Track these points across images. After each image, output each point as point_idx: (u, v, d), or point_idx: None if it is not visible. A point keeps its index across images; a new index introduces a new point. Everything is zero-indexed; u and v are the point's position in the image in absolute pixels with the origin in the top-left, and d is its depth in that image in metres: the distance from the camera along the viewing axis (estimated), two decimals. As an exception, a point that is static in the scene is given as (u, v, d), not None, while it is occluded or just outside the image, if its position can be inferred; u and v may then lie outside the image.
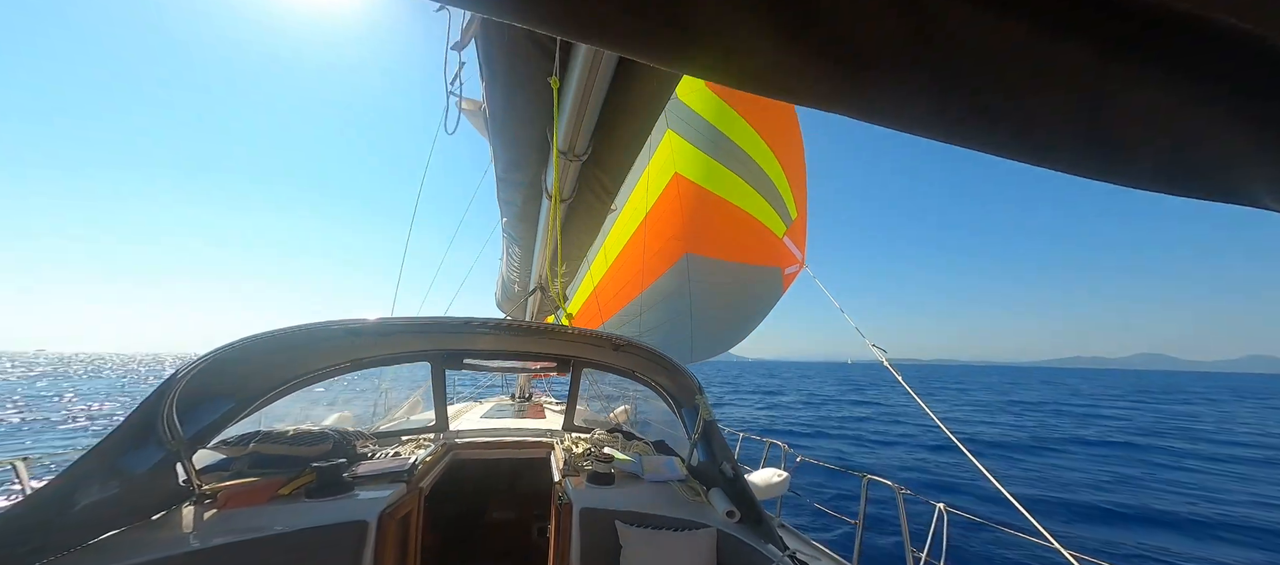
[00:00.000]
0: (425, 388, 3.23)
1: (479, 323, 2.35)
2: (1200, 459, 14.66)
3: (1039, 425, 21.59)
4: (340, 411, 3.23)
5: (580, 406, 5.49)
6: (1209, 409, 33.30)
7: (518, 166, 2.25)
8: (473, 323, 2.34)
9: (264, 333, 1.84)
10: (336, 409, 3.21)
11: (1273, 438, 19.94)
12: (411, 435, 3.05)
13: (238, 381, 2.12)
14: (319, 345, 2.29)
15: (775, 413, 24.40)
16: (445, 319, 2.28)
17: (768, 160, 8.58)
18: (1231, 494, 10.32)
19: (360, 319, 2.00)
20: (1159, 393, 52.58)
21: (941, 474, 11.82)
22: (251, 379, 2.19)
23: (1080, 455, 14.68)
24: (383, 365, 2.64)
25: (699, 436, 2.90)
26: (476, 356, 2.94)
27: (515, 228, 3.09)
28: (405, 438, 2.94)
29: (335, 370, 2.48)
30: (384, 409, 4.05)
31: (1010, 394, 44.52)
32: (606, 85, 1.67)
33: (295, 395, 2.36)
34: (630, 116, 1.87)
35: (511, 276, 4.22)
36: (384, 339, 2.49)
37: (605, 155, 2.12)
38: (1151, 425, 22.78)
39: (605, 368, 3.44)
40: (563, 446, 3.19)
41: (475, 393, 7.00)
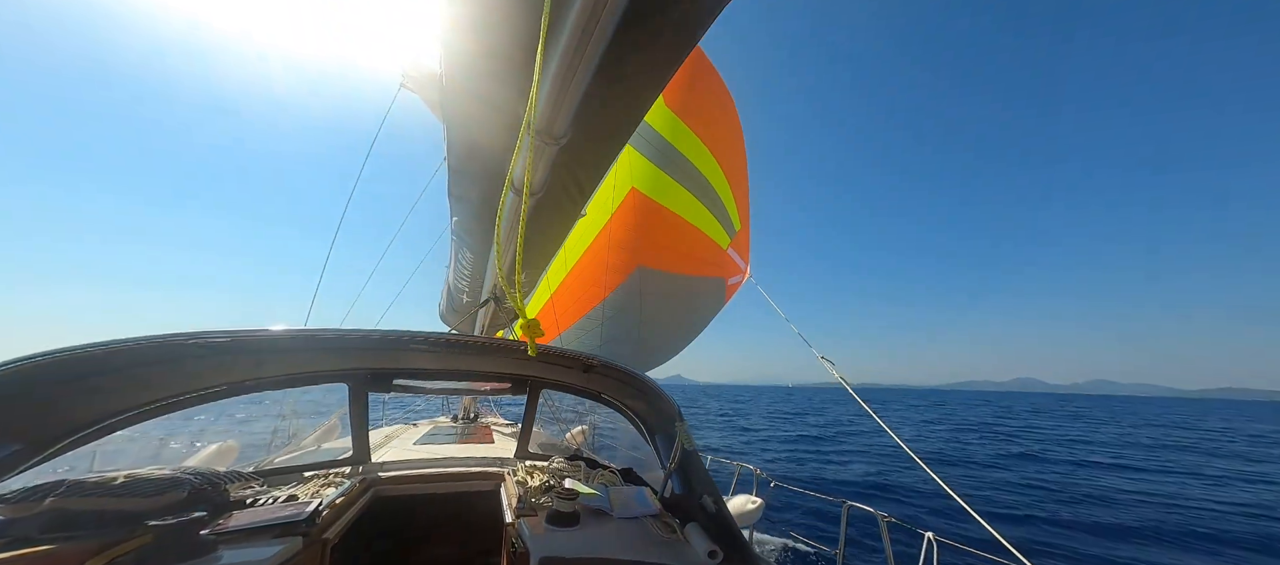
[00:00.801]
0: (343, 412, 2.68)
1: (416, 338, 1.95)
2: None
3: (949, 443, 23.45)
4: (224, 442, 2.63)
5: (535, 429, 5.02)
6: (1070, 426, 37.36)
7: (479, 151, 1.88)
8: (406, 338, 1.94)
9: (66, 351, 1.34)
10: (216, 439, 2.60)
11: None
12: (318, 471, 2.48)
13: (22, 418, 1.57)
14: (159, 368, 1.70)
15: (751, 438, 24.16)
16: (369, 332, 1.86)
17: (713, 171, 8.93)
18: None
19: (238, 331, 1.55)
20: (1028, 413, 58.46)
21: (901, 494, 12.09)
22: (50, 414, 1.62)
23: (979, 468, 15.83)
24: (278, 388, 2.09)
25: (675, 466, 2.62)
26: (411, 377, 2.45)
27: (468, 228, 2.69)
28: (309, 474, 2.39)
29: (194, 399, 1.83)
30: (288, 437, 3.35)
31: (922, 414, 48.42)
32: (598, 55, 1.37)
33: (153, 422, 1.80)
34: (620, 100, 1.58)
35: (460, 285, 3.75)
36: (278, 357, 1.94)
37: (585, 145, 1.81)
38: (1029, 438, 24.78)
39: (568, 389, 3.08)
40: (516, 478, 2.78)
41: (404, 415, 6.26)
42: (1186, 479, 15.70)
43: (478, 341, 2.20)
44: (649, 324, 9.39)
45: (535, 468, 3.07)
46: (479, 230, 2.64)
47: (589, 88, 1.47)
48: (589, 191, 2.29)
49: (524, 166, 1.83)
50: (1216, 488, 14.27)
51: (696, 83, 8.56)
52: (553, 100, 1.48)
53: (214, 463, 2.57)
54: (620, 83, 1.49)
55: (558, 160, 1.87)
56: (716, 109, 9.03)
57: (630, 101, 1.58)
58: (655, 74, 1.47)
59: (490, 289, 3.19)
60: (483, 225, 2.54)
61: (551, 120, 1.56)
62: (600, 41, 1.32)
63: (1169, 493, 13.18)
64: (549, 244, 2.91)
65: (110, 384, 1.67)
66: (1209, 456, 22.21)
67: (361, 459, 2.57)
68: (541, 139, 1.63)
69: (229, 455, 2.61)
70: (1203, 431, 37.11)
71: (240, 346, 1.68)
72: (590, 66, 1.39)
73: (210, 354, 1.63)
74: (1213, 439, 31.46)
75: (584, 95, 1.49)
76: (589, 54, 1.35)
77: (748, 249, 10.67)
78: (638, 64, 1.42)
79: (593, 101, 1.54)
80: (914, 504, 10.69)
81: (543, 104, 1.50)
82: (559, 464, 3.18)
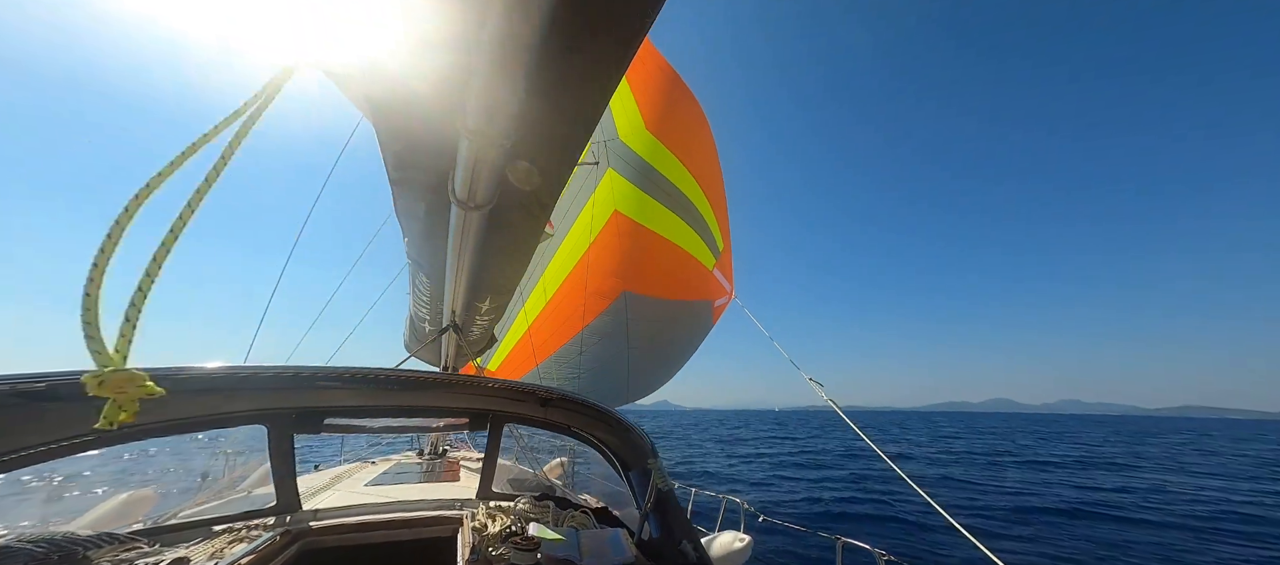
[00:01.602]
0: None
1: (351, 373, 1.72)
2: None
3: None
4: (137, 490, 2.30)
5: (506, 462, 4.67)
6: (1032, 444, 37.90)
7: (416, 157, 1.70)
8: (339, 373, 1.71)
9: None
10: (125, 488, 2.27)
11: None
12: (230, 524, 2.15)
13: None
14: (11, 412, 1.33)
15: (753, 464, 23.32)
16: (296, 368, 1.63)
17: (695, 192, 8.93)
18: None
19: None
20: (1003, 431, 60.72)
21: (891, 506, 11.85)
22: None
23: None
24: (175, 434, 1.80)
25: (650, 507, 2.37)
26: (346, 415, 2.18)
27: (419, 248, 2.48)
28: (220, 528, 2.10)
29: (60, 449, 1.45)
30: (228, 481, 2.97)
31: (905, 433, 48.98)
32: (536, 44, 1.20)
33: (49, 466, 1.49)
34: (574, 93, 1.41)
35: (421, 313, 3.51)
36: (174, 399, 1.57)
37: (537, 149, 1.63)
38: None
39: (533, 422, 2.82)
40: (475, 523, 2.49)
41: (362, 453, 5.80)
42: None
43: (423, 376, 1.97)
44: (638, 351, 9.14)
45: (498, 510, 2.78)
46: (430, 250, 2.43)
47: (530, 81, 1.31)
48: (548, 204, 2.11)
49: (465, 175, 1.66)
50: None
51: (674, 105, 8.58)
52: (489, 90, 1.31)
53: (119, 517, 2.23)
54: (564, 79, 1.33)
55: (505, 167, 1.70)
56: (695, 131, 9.06)
57: (579, 97, 1.42)
58: (602, 66, 1.31)
59: (448, 316, 2.96)
60: (433, 245, 2.33)
61: (490, 116, 1.38)
62: (536, 29, 1.17)
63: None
64: (510, 265, 2.71)
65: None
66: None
67: (288, 507, 2.26)
68: (480, 141, 1.45)
69: (140, 507, 2.28)
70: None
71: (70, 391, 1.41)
72: (528, 56, 1.23)
73: (75, 396, 1.37)
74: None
75: (526, 90, 1.33)
76: (525, 43, 1.19)
77: (731, 270, 10.62)
78: (592, 53, 1.26)
79: (536, 97, 1.37)
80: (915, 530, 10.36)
81: (477, 97, 1.32)
82: (525, 505, 2.89)
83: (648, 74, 8.26)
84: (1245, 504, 14.51)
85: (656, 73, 8.41)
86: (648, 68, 8.26)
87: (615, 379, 9.37)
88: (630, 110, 8.04)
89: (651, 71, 8.33)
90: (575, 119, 1.52)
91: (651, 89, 8.25)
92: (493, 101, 1.35)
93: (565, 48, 1.22)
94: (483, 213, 1.85)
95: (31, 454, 1.38)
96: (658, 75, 8.41)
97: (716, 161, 9.78)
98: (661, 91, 8.39)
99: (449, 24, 1.21)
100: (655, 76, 8.37)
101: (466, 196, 1.72)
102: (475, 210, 1.79)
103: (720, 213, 9.75)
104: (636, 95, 8.07)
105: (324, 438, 6.66)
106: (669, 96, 8.49)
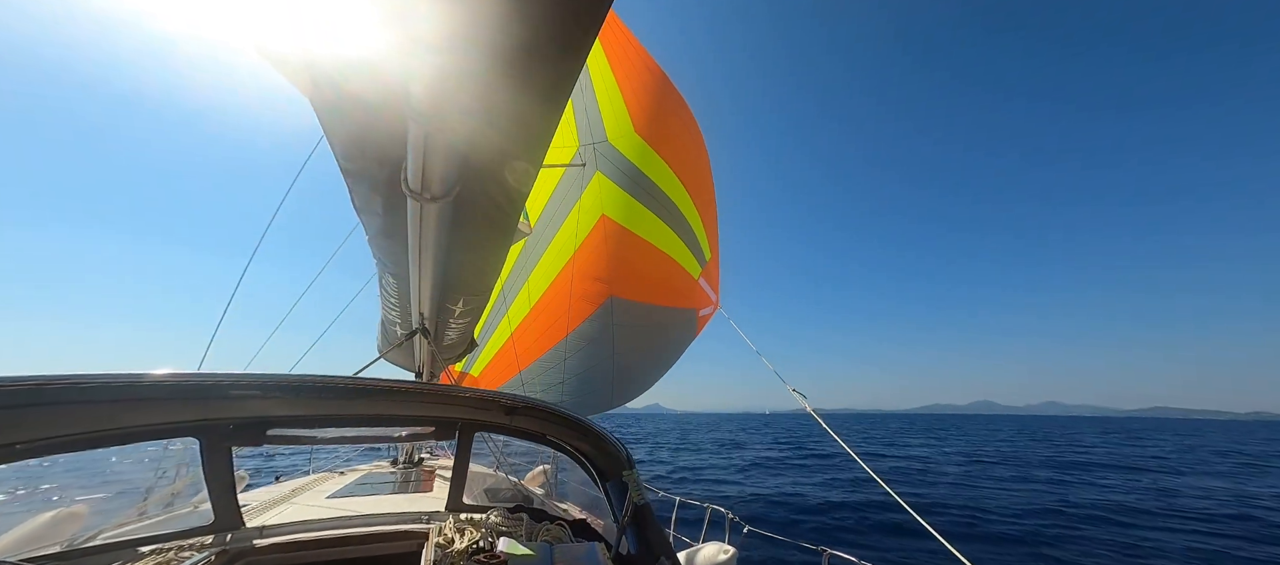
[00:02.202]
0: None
1: (296, 381, 1.58)
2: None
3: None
4: (66, 507, 2.11)
5: (484, 470, 4.48)
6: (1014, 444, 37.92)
7: (365, 145, 1.56)
8: (283, 382, 1.57)
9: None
10: (55, 504, 2.08)
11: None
12: (161, 544, 1.96)
13: None
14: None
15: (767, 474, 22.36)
16: (234, 375, 1.48)
17: (683, 199, 8.87)
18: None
19: (25, 377, 1.16)
20: (986, 433, 60.81)
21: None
22: None
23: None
24: (92, 448, 1.63)
25: (628, 521, 2.25)
26: (290, 425, 2.02)
27: (381, 245, 2.33)
28: (146, 549, 1.90)
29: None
30: (170, 494, 2.74)
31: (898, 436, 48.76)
32: (489, 8, 1.07)
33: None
34: (528, 74, 1.28)
35: (392, 316, 3.34)
36: (91, 408, 1.44)
37: (495, 135, 1.50)
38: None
39: (505, 431, 2.68)
40: (441, 537, 2.34)
41: (332, 464, 5.55)
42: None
43: (379, 384, 1.83)
44: (623, 355, 9.03)
45: (469, 523, 2.62)
46: (392, 248, 2.28)
47: (479, 60, 1.18)
48: (515, 198, 1.98)
49: (416, 163, 1.53)
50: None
51: (666, 111, 8.49)
52: (433, 74, 1.19)
53: (40, 538, 2.04)
54: (516, 57, 1.20)
55: (462, 155, 1.57)
56: (685, 138, 8.97)
57: (535, 79, 1.29)
58: (559, 45, 1.18)
59: (417, 318, 2.81)
60: (394, 242, 2.19)
61: (436, 101, 1.26)
62: (482, 4, 1.04)
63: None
64: (481, 263, 2.57)
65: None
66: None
67: (228, 525, 2.08)
68: (428, 126, 1.33)
69: (67, 526, 2.09)
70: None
71: (13, 395, 1.26)
72: (473, 33, 1.10)
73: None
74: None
75: (474, 69, 1.20)
76: (470, 17, 1.07)
77: (717, 280, 10.55)
78: (533, 32, 1.14)
79: (486, 76, 1.24)
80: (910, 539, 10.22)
81: (423, 79, 1.20)
82: (497, 518, 2.74)
83: (639, 77, 8.16)
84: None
85: (648, 76, 8.32)
86: (639, 70, 8.16)
87: (601, 384, 9.25)
88: (620, 113, 7.93)
89: (643, 74, 8.24)
90: (535, 102, 1.39)
91: (643, 92, 8.15)
92: (439, 81, 1.22)
93: (516, 21, 1.10)
94: (441, 205, 1.72)
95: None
96: (649, 78, 8.32)
97: (707, 170, 9.71)
98: (652, 95, 8.30)
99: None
100: (646, 80, 8.28)
101: (420, 187, 1.59)
102: (432, 202, 1.66)
103: (709, 222, 9.66)
104: (627, 98, 7.96)
105: (293, 448, 6.39)
106: (660, 101, 8.40)
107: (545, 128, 1.54)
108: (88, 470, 2.48)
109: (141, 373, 1.40)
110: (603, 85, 7.87)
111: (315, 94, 1.38)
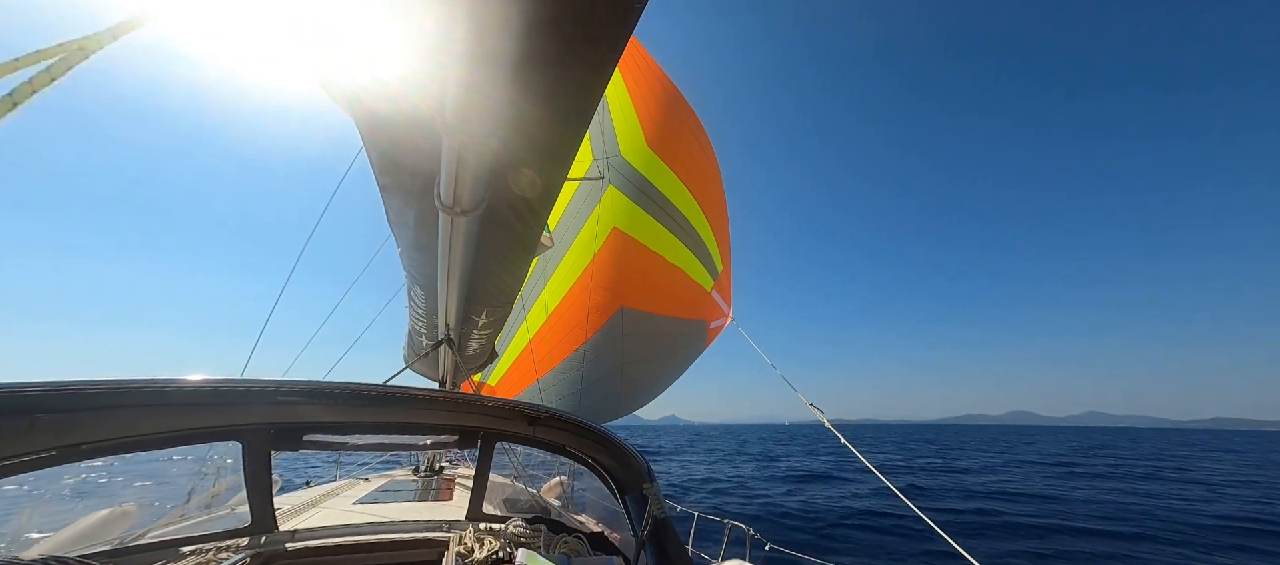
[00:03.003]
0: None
1: (331, 388, 1.64)
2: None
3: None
4: (118, 506, 2.20)
5: (503, 480, 4.51)
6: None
7: (400, 160, 1.63)
8: (320, 388, 1.63)
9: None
10: (105, 503, 2.17)
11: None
12: (200, 545, 2.03)
13: None
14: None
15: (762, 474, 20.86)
16: (273, 382, 1.55)
17: (695, 214, 8.90)
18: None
19: (78, 381, 1.22)
20: (1022, 445, 56.72)
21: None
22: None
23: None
24: (139, 451, 1.71)
25: (647, 536, 2.24)
26: (324, 432, 2.09)
27: (411, 258, 2.41)
28: (188, 549, 1.97)
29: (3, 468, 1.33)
30: (211, 497, 2.84)
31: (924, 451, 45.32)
32: (514, 33, 1.13)
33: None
34: (555, 93, 1.33)
35: (417, 326, 3.43)
36: (137, 413, 1.50)
37: (522, 150, 1.55)
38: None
39: (526, 441, 2.71)
40: (461, 545, 2.37)
41: (357, 470, 5.65)
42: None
43: (408, 392, 1.88)
44: (631, 365, 9.05)
45: (488, 532, 2.65)
46: (421, 260, 2.36)
47: (507, 79, 1.23)
48: (540, 211, 2.03)
49: (448, 177, 1.58)
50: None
51: (676, 124, 8.58)
52: (465, 92, 1.24)
53: (93, 535, 2.14)
54: (543, 77, 1.25)
55: (490, 170, 1.62)
56: (696, 150, 9.04)
57: (561, 97, 1.34)
58: (584, 65, 1.23)
59: (443, 329, 2.87)
60: (424, 255, 2.26)
61: (467, 118, 1.31)
62: (511, 23, 1.10)
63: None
64: (505, 274, 2.63)
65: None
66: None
67: (264, 527, 2.15)
68: (460, 140, 1.38)
69: (119, 524, 2.18)
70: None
71: (74, 399, 1.34)
72: (504, 53, 1.16)
73: (18, 412, 1.28)
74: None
75: (503, 87, 1.25)
76: (500, 37, 1.12)
77: (730, 292, 10.52)
78: (561, 53, 1.19)
79: (515, 95, 1.29)
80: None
81: (455, 96, 1.26)
82: (516, 527, 2.76)
83: (651, 91, 8.29)
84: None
85: (660, 90, 8.44)
86: (651, 85, 8.29)
87: (609, 394, 9.27)
88: (633, 127, 8.05)
89: (655, 88, 8.36)
90: (560, 120, 1.45)
91: (655, 106, 8.26)
92: (470, 99, 1.28)
93: (543, 43, 1.15)
94: (470, 218, 1.78)
95: (32, 460, 1.31)
96: (661, 93, 8.44)
97: (719, 182, 9.75)
98: (665, 109, 8.41)
99: (424, 19, 1.14)
100: (659, 94, 8.40)
101: (452, 201, 1.65)
102: (462, 216, 1.72)
103: (721, 234, 9.67)
104: (640, 112, 8.08)
105: (324, 454, 6.53)
106: (671, 115, 8.50)
107: (571, 143, 1.59)
108: (141, 472, 2.60)
109: (191, 378, 1.48)
110: (617, 100, 8.01)
111: (359, 114, 1.45)
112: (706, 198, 9.03)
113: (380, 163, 1.65)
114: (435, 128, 1.41)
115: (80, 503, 2.24)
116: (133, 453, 1.57)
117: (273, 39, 1.27)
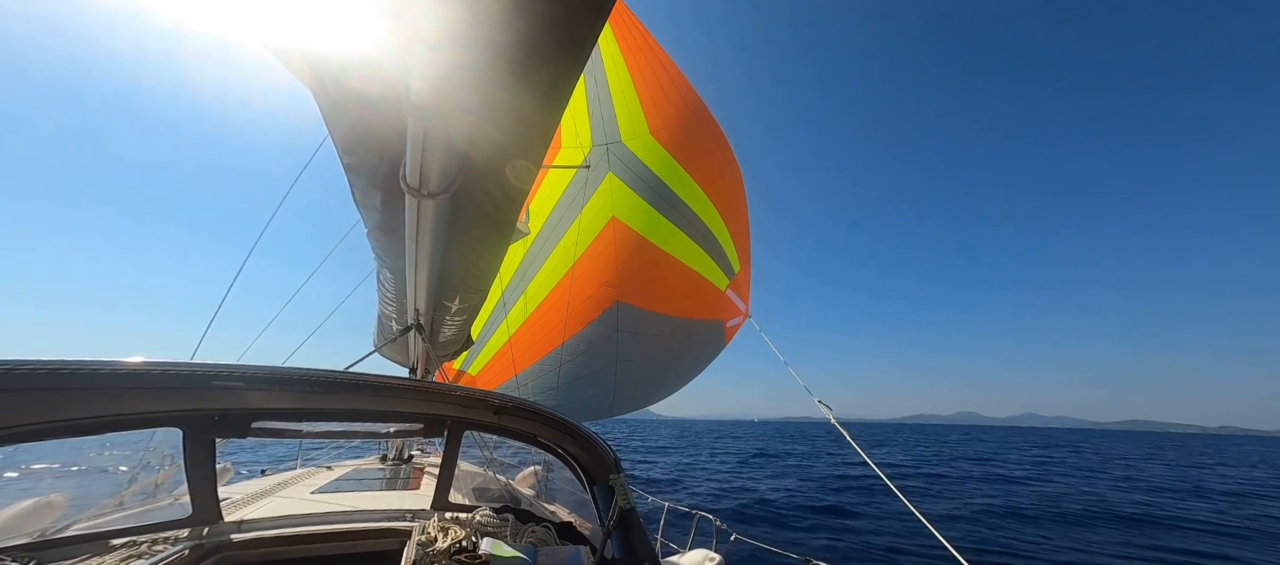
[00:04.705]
0: (225, 444, 2.14)
1: (274, 373, 1.58)
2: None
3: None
4: (44, 497, 2.09)
5: (474, 468, 4.46)
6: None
7: (365, 139, 1.58)
8: (272, 374, 1.57)
9: None
10: (27, 493, 2.06)
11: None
12: (133, 537, 1.92)
13: None
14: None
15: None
16: (207, 365, 1.48)
17: (711, 216, 8.59)
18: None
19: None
20: (1035, 447, 57.81)
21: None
22: None
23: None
24: (62, 438, 1.60)
25: (614, 525, 2.24)
26: (276, 418, 2.02)
27: (379, 241, 2.34)
28: (118, 542, 1.86)
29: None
30: (149, 485, 2.70)
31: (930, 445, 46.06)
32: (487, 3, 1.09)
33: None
34: (527, 69, 1.28)
35: (388, 311, 3.35)
36: (64, 396, 1.41)
37: (493, 131, 1.51)
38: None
39: (495, 430, 2.68)
40: (424, 535, 2.33)
41: (320, 458, 5.49)
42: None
43: (369, 379, 1.82)
44: (628, 364, 8.80)
45: (454, 522, 2.61)
46: (390, 244, 2.30)
47: (478, 53, 1.19)
48: (516, 197, 1.99)
49: (414, 158, 1.54)
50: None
51: (689, 122, 8.19)
52: (432, 68, 1.20)
53: (17, 526, 2.02)
54: (514, 51, 1.21)
55: (461, 153, 1.58)
56: (713, 150, 8.63)
57: (534, 73, 1.29)
58: (557, 39, 1.19)
59: (412, 314, 2.82)
60: (392, 238, 2.21)
61: (436, 95, 1.27)
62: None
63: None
64: (478, 260, 2.58)
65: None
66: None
67: (206, 519, 2.06)
68: (428, 120, 1.34)
69: (45, 515, 2.06)
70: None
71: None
72: (473, 26, 1.11)
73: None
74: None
75: (472, 63, 1.21)
76: (469, 10, 1.08)
77: (748, 290, 10.24)
78: (532, 26, 1.15)
79: (485, 70, 1.25)
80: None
81: (422, 72, 1.21)
82: (484, 517, 2.73)
83: (657, 81, 7.89)
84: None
85: (669, 83, 8.03)
86: (658, 74, 7.88)
87: (600, 391, 9.05)
88: (635, 114, 7.65)
89: (662, 80, 7.95)
90: (535, 102, 1.40)
91: (661, 98, 7.86)
92: (437, 80, 1.24)
93: (515, 21, 1.12)
94: (439, 202, 1.73)
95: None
96: (670, 86, 8.04)
97: (738, 181, 9.25)
98: (673, 104, 8.01)
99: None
100: (667, 87, 7.99)
101: (418, 183, 1.61)
102: (430, 199, 1.67)
103: (738, 234, 9.28)
104: (643, 99, 7.66)
105: (289, 442, 6.27)
106: (682, 111, 8.08)
107: (546, 126, 1.55)
108: (73, 460, 2.47)
109: (123, 360, 1.40)
110: (618, 85, 7.57)
111: (317, 87, 1.40)
112: (723, 198, 8.66)
113: (344, 141, 1.60)
114: (401, 109, 1.37)
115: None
116: (57, 439, 1.49)
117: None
